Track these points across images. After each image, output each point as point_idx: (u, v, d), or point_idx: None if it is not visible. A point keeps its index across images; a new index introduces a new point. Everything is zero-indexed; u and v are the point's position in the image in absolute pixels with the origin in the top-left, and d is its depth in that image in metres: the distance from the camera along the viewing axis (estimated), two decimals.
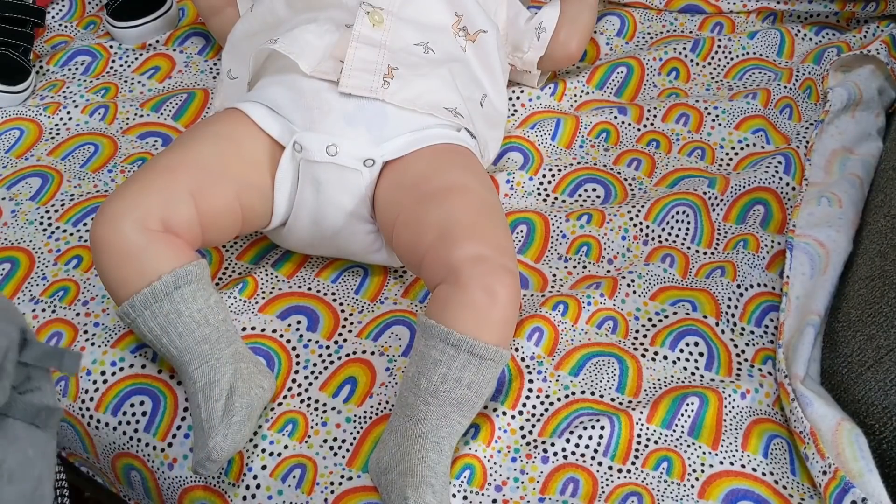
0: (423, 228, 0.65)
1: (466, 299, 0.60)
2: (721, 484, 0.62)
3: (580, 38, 0.89)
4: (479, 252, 0.62)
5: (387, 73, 0.70)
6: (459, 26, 0.77)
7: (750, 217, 0.78)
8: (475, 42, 0.78)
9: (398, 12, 0.73)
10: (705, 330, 0.70)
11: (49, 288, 0.74)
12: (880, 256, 0.69)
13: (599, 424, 0.64)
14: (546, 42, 0.86)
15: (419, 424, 0.59)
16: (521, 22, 0.87)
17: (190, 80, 0.93)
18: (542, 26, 0.86)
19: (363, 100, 0.70)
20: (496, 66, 0.80)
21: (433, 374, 0.60)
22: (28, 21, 0.95)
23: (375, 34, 0.71)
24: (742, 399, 0.66)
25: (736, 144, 0.85)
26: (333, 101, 0.69)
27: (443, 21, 0.76)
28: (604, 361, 0.68)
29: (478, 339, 0.59)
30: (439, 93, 0.73)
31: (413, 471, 0.57)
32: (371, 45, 0.71)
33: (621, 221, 0.78)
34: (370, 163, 0.69)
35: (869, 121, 0.85)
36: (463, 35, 0.77)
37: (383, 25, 0.72)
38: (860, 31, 0.94)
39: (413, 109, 0.71)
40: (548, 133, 0.86)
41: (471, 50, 0.77)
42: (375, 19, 0.71)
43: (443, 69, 0.74)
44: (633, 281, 0.73)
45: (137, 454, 0.66)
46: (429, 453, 0.58)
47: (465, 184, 0.68)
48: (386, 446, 0.61)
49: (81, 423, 0.68)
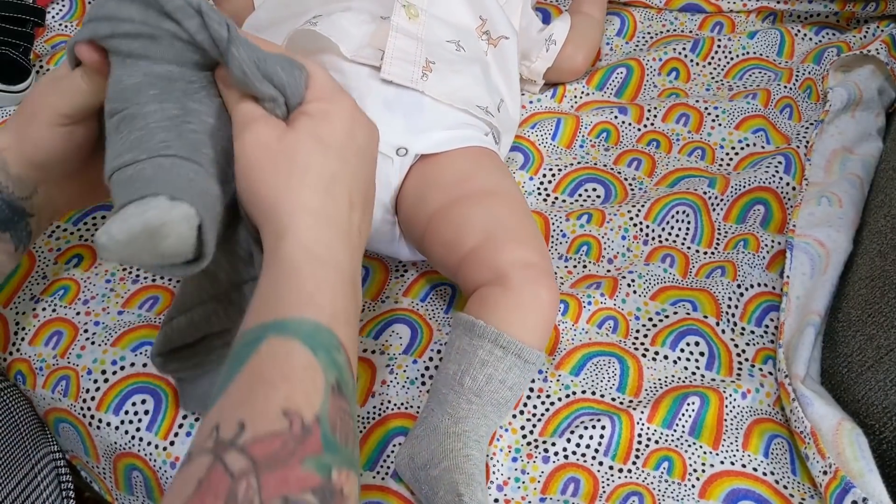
0: (466, 229, 0.65)
1: (516, 303, 0.61)
2: (722, 484, 0.62)
3: (586, 53, 0.90)
4: (527, 257, 0.63)
5: (425, 65, 0.71)
6: (483, 30, 0.78)
7: (750, 217, 0.79)
8: (496, 47, 0.78)
9: (428, 9, 0.74)
10: (706, 330, 0.70)
11: (49, 287, 0.74)
12: (880, 256, 0.69)
13: (600, 424, 0.64)
14: (555, 54, 0.88)
15: (461, 423, 0.60)
16: (533, 32, 0.88)
17: None
18: (553, 38, 0.88)
19: (402, 89, 0.70)
20: (514, 73, 0.81)
21: (479, 373, 0.60)
22: (28, 21, 0.95)
23: (412, 27, 0.72)
24: (743, 399, 0.66)
25: (736, 144, 0.85)
26: (374, 85, 0.70)
27: (467, 23, 0.77)
28: (604, 361, 0.68)
29: (525, 343, 0.60)
30: (474, 90, 0.73)
31: (461, 468, 0.57)
32: (409, 36, 0.72)
33: (621, 221, 0.78)
34: (402, 152, 0.69)
35: (869, 121, 0.85)
36: (486, 39, 0.78)
37: (419, 19, 0.73)
38: (860, 31, 0.94)
39: (450, 104, 0.71)
40: (548, 133, 0.86)
41: (491, 54, 0.78)
42: (411, 13, 0.72)
43: (475, 67, 0.74)
44: (633, 281, 0.73)
45: (139, 453, 0.66)
46: (472, 451, 0.59)
47: (507, 188, 0.69)
48: (421, 442, 0.60)
49: (83, 422, 0.67)
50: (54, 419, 0.69)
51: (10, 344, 0.71)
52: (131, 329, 0.70)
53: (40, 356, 0.70)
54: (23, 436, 0.67)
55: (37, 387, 0.69)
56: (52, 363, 0.69)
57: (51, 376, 0.69)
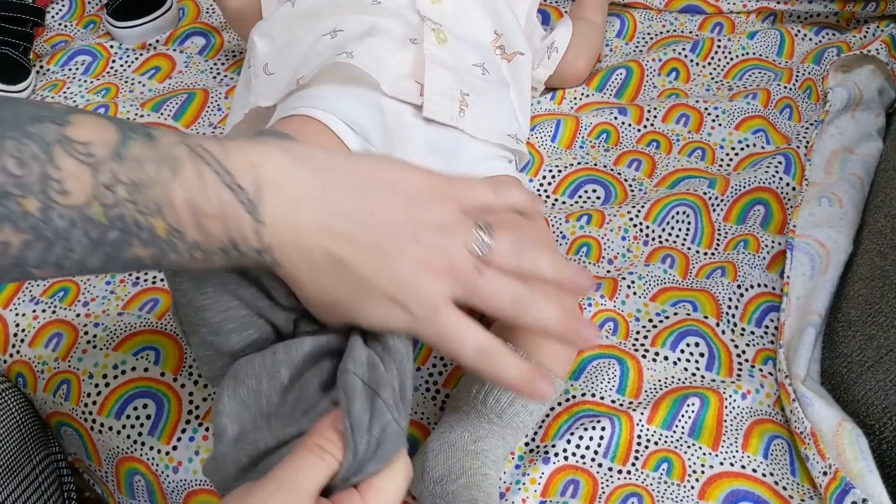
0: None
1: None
2: (721, 485, 0.62)
3: (588, 58, 0.90)
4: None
5: (461, 100, 0.69)
6: (497, 44, 0.76)
7: (750, 217, 0.79)
8: (511, 62, 0.77)
9: (452, 28, 0.71)
10: (706, 330, 0.70)
11: (49, 288, 0.74)
12: (880, 256, 0.69)
13: (600, 426, 0.64)
14: (556, 62, 0.87)
15: (480, 441, 0.59)
16: (536, 40, 0.87)
17: (190, 80, 0.93)
18: (555, 46, 0.87)
19: (443, 128, 0.68)
20: (526, 91, 0.80)
21: (503, 396, 0.60)
22: (28, 20, 0.95)
23: (443, 54, 0.70)
24: (742, 399, 0.66)
25: (736, 145, 0.85)
26: (416, 127, 0.68)
27: (483, 38, 0.75)
28: (604, 363, 0.68)
29: (553, 371, 0.61)
30: (504, 119, 0.72)
31: (479, 486, 0.57)
32: (443, 66, 0.69)
33: (621, 222, 0.78)
34: None
35: (869, 121, 0.85)
36: (500, 54, 0.76)
37: (447, 44, 0.70)
38: (860, 31, 0.94)
39: (486, 139, 0.70)
40: (548, 134, 0.86)
41: (506, 70, 0.76)
42: (440, 37, 0.70)
43: (503, 93, 0.73)
44: (633, 282, 0.73)
45: (141, 458, 0.66)
46: (489, 471, 0.59)
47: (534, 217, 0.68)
48: (437, 457, 0.60)
49: (84, 426, 0.68)
50: (56, 422, 0.69)
51: (10, 346, 0.71)
52: (133, 333, 0.70)
53: (41, 358, 0.70)
54: (24, 437, 0.67)
55: (38, 390, 0.69)
56: (52, 366, 0.69)
57: (52, 380, 0.69)
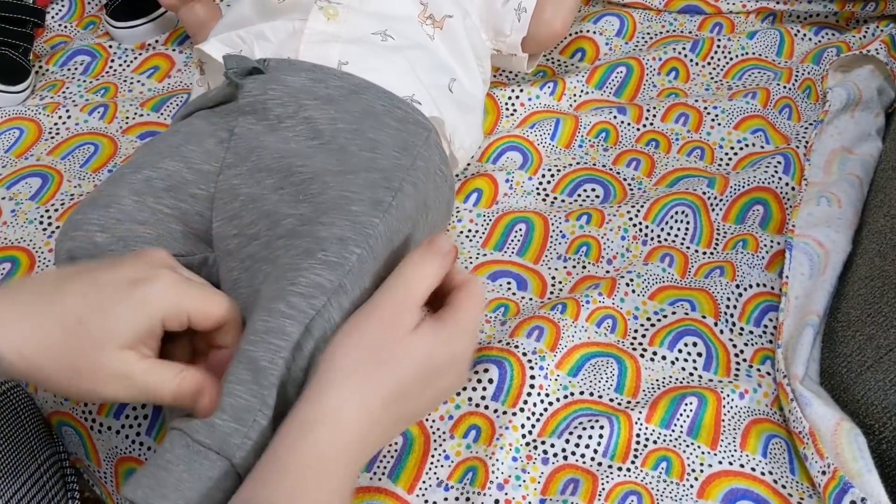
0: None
1: None
2: (720, 483, 0.62)
3: (565, 16, 0.87)
4: None
5: (336, 67, 0.70)
6: (426, 15, 0.77)
7: (749, 217, 0.79)
8: (443, 28, 0.77)
9: (360, 7, 0.73)
10: (704, 330, 0.70)
11: None
12: (880, 256, 0.69)
13: (598, 425, 0.64)
14: (527, 22, 0.84)
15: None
16: (498, 5, 0.84)
17: (189, 80, 0.93)
18: (522, 6, 0.84)
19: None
20: (467, 50, 0.79)
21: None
22: (28, 21, 0.95)
23: (329, 28, 0.72)
24: (741, 399, 0.66)
25: (735, 144, 0.85)
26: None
27: (408, 12, 0.76)
28: (602, 362, 0.68)
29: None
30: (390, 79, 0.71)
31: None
32: (323, 40, 0.71)
33: (620, 221, 0.78)
34: None
35: (868, 121, 0.85)
36: (430, 23, 0.77)
37: (338, 17, 0.72)
38: (860, 31, 0.94)
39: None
40: (547, 133, 0.86)
41: (439, 37, 0.77)
42: (329, 13, 0.72)
43: (398, 57, 0.73)
44: (631, 280, 0.73)
45: (140, 458, 0.66)
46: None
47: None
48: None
49: (84, 426, 0.68)
50: (57, 422, 0.69)
51: None
52: None
53: None
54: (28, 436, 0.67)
55: (39, 389, 0.69)
56: None
57: None
